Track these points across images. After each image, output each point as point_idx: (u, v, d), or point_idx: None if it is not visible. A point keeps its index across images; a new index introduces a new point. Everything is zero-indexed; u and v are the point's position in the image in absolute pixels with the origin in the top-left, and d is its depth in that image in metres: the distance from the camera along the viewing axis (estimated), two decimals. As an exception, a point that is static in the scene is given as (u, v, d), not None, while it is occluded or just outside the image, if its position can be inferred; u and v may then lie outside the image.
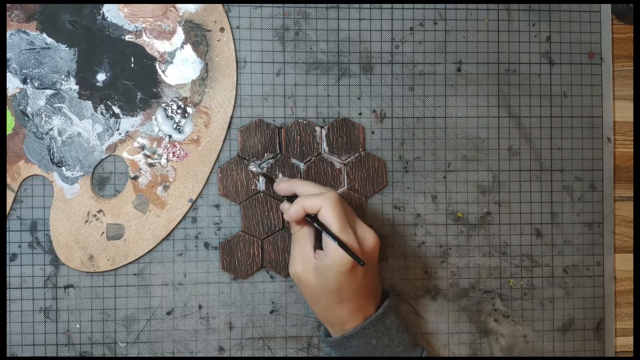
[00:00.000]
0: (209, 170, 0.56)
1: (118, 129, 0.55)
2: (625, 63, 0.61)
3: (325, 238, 0.48)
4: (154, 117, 0.55)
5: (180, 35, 0.55)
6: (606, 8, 0.60)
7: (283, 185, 0.52)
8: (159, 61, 0.55)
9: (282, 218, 0.56)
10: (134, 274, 0.56)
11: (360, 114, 0.58)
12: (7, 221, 0.55)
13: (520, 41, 0.59)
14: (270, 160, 0.56)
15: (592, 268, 0.59)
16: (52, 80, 0.54)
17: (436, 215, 0.58)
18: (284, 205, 0.52)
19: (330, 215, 0.47)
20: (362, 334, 0.50)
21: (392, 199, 0.58)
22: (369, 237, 0.49)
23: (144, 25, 0.55)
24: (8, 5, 0.54)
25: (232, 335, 0.56)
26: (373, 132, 0.58)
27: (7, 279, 0.55)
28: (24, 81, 0.54)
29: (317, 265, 0.48)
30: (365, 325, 0.50)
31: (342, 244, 0.47)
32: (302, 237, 0.50)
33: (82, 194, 0.55)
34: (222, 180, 0.56)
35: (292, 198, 0.50)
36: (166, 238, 0.56)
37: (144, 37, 0.55)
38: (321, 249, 0.49)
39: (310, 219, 0.49)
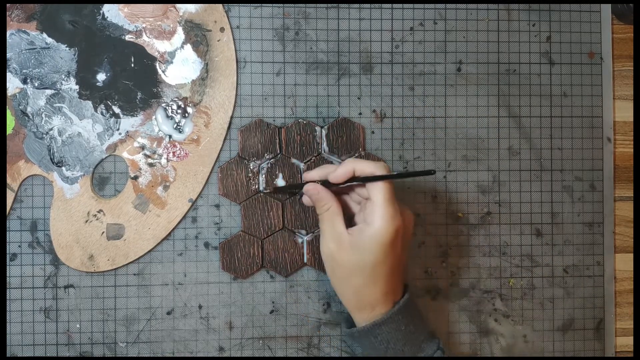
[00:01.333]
0: (209, 170, 0.56)
1: (118, 129, 0.55)
2: (625, 63, 0.61)
3: (372, 207, 0.46)
4: (154, 117, 0.55)
5: (180, 35, 0.55)
6: (606, 8, 0.60)
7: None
8: (159, 61, 0.55)
9: (282, 217, 0.56)
10: (134, 274, 0.56)
11: (360, 114, 0.58)
12: (7, 221, 0.55)
13: (520, 41, 0.59)
14: (271, 160, 0.56)
15: (592, 268, 0.59)
16: (52, 80, 0.54)
17: (436, 215, 0.58)
18: (312, 187, 0.49)
19: (381, 185, 0.46)
20: (393, 319, 0.48)
21: (392, 199, 0.58)
22: (407, 212, 0.49)
23: (144, 25, 0.55)
24: (8, 5, 0.54)
25: (232, 335, 0.56)
26: (373, 132, 0.58)
27: (7, 279, 0.55)
28: (24, 81, 0.54)
29: (354, 241, 0.47)
30: (396, 311, 0.48)
31: (406, 173, 0.47)
32: (331, 215, 0.48)
33: (82, 194, 0.55)
34: (222, 180, 0.56)
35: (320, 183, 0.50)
36: (166, 238, 0.56)
37: (144, 37, 0.55)
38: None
39: (357, 180, 0.47)
